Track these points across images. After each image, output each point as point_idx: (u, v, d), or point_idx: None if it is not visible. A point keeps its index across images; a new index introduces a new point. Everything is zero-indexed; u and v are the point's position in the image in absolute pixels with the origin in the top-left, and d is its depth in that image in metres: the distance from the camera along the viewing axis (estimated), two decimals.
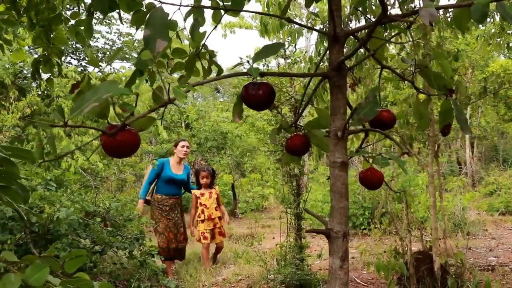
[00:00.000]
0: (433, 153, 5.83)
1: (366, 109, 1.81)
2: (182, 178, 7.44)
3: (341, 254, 1.94)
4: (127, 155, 1.66)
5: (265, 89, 1.89)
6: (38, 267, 1.68)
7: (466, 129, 2.43)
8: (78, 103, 1.41)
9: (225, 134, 17.37)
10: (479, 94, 6.07)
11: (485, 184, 18.26)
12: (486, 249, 9.14)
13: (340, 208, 1.97)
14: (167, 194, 7.25)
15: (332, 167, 1.98)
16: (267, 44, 1.84)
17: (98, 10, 2.49)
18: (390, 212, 7.14)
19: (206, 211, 7.56)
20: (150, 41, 1.91)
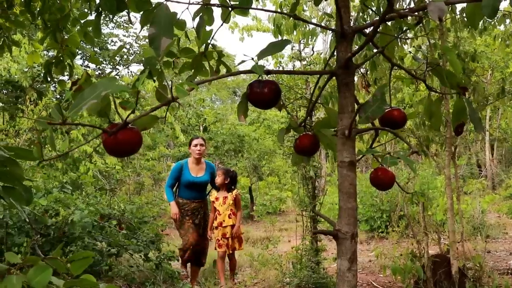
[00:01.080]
0: (450, 155, 5.74)
1: (373, 107, 1.77)
2: (204, 180, 6.79)
3: (350, 255, 1.90)
4: (128, 154, 1.64)
5: (271, 87, 1.86)
6: (41, 269, 1.66)
7: (479, 128, 2.37)
8: (77, 100, 1.39)
9: (242, 137, 17.39)
10: (497, 94, 5.98)
11: (505, 187, 18.03)
12: (506, 252, 9.00)
13: (348, 209, 1.93)
14: (189, 198, 6.69)
15: (340, 167, 1.94)
16: (272, 42, 1.80)
17: (106, 10, 2.48)
18: (407, 215, 7.04)
19: (218, 218, 6.81)
20: (155, 39, 1.89)
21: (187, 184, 6.66)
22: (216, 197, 6.88)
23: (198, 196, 6.77)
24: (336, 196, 10.35)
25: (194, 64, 2.05)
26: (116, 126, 1.58)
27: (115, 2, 2.46)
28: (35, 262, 1.74)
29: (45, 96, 9.60)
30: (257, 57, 1.76)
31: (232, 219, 6.79)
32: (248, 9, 2.26)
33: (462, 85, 2.33)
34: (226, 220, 6.78)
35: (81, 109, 1.37)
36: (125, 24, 17.58)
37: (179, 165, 6.84)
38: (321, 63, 6.61)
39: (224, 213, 6.77)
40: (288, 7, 6.41)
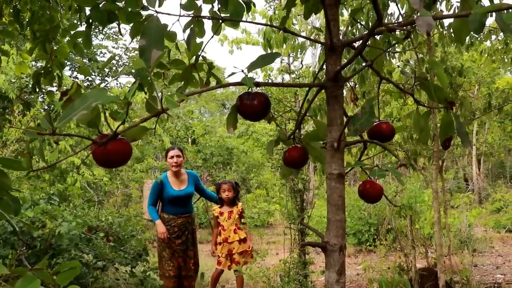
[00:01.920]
0: (437, 169, 5.78)
1: (362, 120, 1.78)
2: (188, 192, 6.31)
3: (338, 267, 1.90)
4: (118, 165, 1.64)
5: (260, 99, 1.87)
6: (29, 280, 1.66)
7: (466, 142, 2.40)
8: (67, 111, 1.39)
9: (231, 150, 17.41)
10: (483, 109, 6.04)
11: (492, 201, 18.15)
12: (492, 266, 9.05)
13: (337, 221, 1.93)
14: (174, 213, 6.21)
15: (329, 179, 1.95)
16: (262, 54, 1.82)
17: (97, 21, 2.49)
18: (394, 228, 7.07)
19: (223, 234, 6.47)
20: (145, 51, 1.90)
21: (170, 199, 6.21)
22: (220, 211, 6.55)
23: (184, 210, 6.29)
24: (324, 209, 10.42)
25: (184, 75, 2.06)
26: (106, 137, 1.58)
27: (106, 14, 2.47)
28: (23, 273, 1.73)
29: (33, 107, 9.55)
30: (247, 70, 1.78)
31: (238, 234, 6.49)
32: (239, 22, 2.27)
33: (450, 100, 2.36)
34: (232, 235, 6.46)
35: (71, 120, 1.37)
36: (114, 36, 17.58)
37: (158, 183, 6.30)
38: (310, 77, 6.65)
39: (229, 229, 6.46)
40: (278, 21, 6.45)
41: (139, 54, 1.93)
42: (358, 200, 12.29)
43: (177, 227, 6.16)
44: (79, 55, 3.24)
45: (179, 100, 1.65)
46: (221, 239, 6.47)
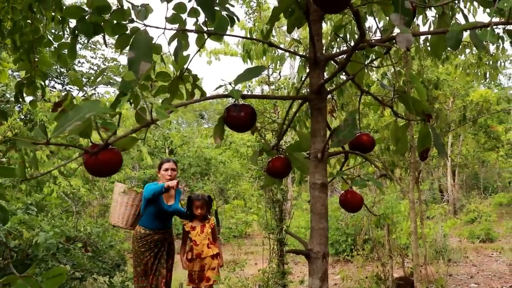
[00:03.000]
0: (414, 179, 5.89)
1: (345, 131, 1.85)
2: (175, 208, 5.99)
3: (321, 274, 1.96)
4: (109, 174, 1.68)
5: (247, 111, 1.93)
6: (20, 287, 1.68)
7: (442, 153, 2.48)
8: (61, 121, 1.43)
9: (209, 160, 17.43)
10: (458, 121, 6.18)
11: (466, 212, 18.42)
12: (467, 276, 9.19)
13: (320, 229, 1.99)
14: (153, 228, 5.80)
15: (312, 189, 2.01)
16: (249, 68, 1.88)
17: (83, 33, 2.52)
18: (372, 238, 7.17)
19: (195, 249, 6.01)
20: (134, 63, 1.95)
21: (157, 213, 5.80)
22: (192, 226, 6.10)
23: (164, 226, 5.93)
24: (301, 220, 10.49)
25: (171, 87, 2.11)
26: (97, 146, 1.63)
27: (92, 26, 2.51)
28: (14, 281, 1.76)
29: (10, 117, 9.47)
30: (234, 82, 1.83)
31: (211, 249, 6.07)
32: (223, 35, 2.33)
33: (427, 112, 2.44)
34: (205, 250, 6.04)
35: (65, 130, 1.41)
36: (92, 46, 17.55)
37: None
38: (289, 88, 6.74)
39: (202, 243, 6.03)
40: (257, 33, 6.54)
41: (128, 66, 1.97)
42: (335, 211, 12.41)
43: (153, 243, 5.78)
44: (63, 65, 3.28)
45: (168, 111, 1.70)
46: (193, 255, 6.03)
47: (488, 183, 26.10)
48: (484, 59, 7.12)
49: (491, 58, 7.18)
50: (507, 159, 22.37)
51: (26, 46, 3.13)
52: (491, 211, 17.26)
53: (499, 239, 14.27)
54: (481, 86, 22.20)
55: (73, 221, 7.40)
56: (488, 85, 22.66)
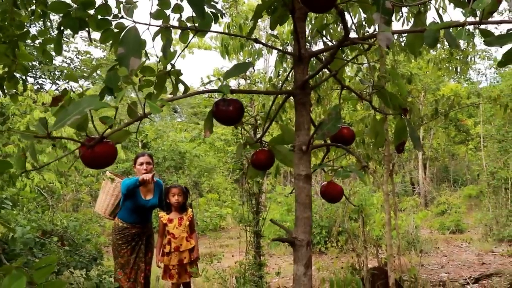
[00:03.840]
0: (388, 172, 6.04)
1: (329, 125, 1.94)
2: (153, 203, 5.85)
3: (305, 261, 2.05)
4: (104, 166, 1.74)
5: (235, 105, 2.01)
6: (15, 277, 1.73)
7: (418, 146, 2.60)
8: (61, 115, 1.49)
9: (183, 154, 17.42)
10: (431, 115, 6.34)
11: (436, 204, 18.78)
12: (437, 265, 9.43)
13: (304, 218, 2.09)
14: (131, 222, 5.72)
15: (297, 180, 2.10)
16: (237, 64, 1.96)
17: (69, 28, 2.56)
18: (347, 230, 7.31)
19: (174, 242, 5.82)
20: (124, 59, 2.01)
21: (135, 208, 5.72)
22: (169, 218, 5.90)
23: (142, 220, 5.82)
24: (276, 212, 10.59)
25: (158, 82, 2.17)
26: (93, 140, 1.69)
27: (78, 21, 2.55)
28: (9, 271, 1.81)
29: None
30: (222, 78, 1.91)
31: (190, 242, 5.91)
32: (208, 31, 2.40)
33: (404, 107, 2.55)
34: (184, 244, 5.85)
35: (65, 124, 1.47)
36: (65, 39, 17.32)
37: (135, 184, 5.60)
38: (266, 82, 6.82)
39: (181, 236, 5.84)
40: (235, 28, 6.60)
41: (118, 62, 2.03)
42: None
43: (130, 237, 5.71)
44: (47, 60, 3.30)
45: (160, 105, 1.76)
46: (171, 248, 5.83)
47: (457, 176, 26.59)
48: (455, 55, 7.30)
49: (462, 54, 7.37)
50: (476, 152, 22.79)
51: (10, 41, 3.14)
52: (460, 203, 17.63)
53: (468, 230, 14.63)
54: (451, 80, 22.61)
55: (49, 215, 7.39)
56: (458, 79, 23.08)
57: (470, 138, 23.71)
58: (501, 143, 16.06)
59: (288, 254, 11.44)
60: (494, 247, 11.34)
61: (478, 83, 25.56)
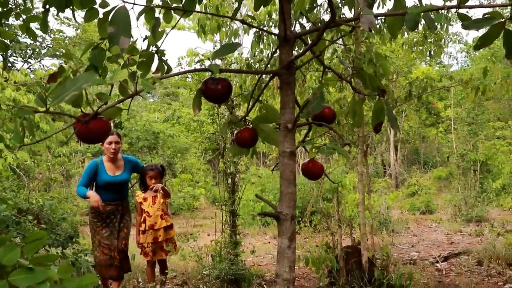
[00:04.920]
0: (362, 153, 6.17)
1: (314, 103, 2.02)
2: (123, 179, 5.84)
3: (289, 234, 2.14)
4: (99, 141, 1.80)
5: (224, 84, 2.08)
6: (9, 248, 1.78)
7: (395, 126, 2.70)
8: (59, 91, 1.55)
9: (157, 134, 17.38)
10: (404, 97, 6.47)
11: (407, 185, 19.15)
12: (408, 245, 9.68)
13: (289, 193, 2.17)
14: (104, 200, 5.57)
15: (282, 156, 2.18)
16: (225, 44, 2.02)
17: (55, 7, 2.59)
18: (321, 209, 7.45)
19: (148, 220, 5.91)
20: (114, 38, 2.05)
21: (103, 185, 5.72)
22: (144, 197, 6.00)
23: (115, 197, 5.79)
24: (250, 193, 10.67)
25: (146, 62, 2.21)
26: (87, 116, 1.75)
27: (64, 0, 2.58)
28: (3, 242, 1.86)
29: None
30: (211, 57, 1.97)
31: (165, 220, 6.00)
32: (192, 11, 2.45)
33: (382, 88, 2.64)
34: (159, 222, 5.94)
35: (63, 99, 1.52)
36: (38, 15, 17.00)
37: (94, 163, 5.82)
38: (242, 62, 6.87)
39: (156, 214, 5.94)
40: (212, 7, 6.61)
41: (108, 41, 2.07)
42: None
43: (105, 214, 5.69)
44: (31, 38, 3.31)
45: (152, 82, 1.82)
46: (146, 227, 5.93)
47: (427, 158, 27.07)
48: (428, 37, 7.45)
49: (435, 37, 7.51)
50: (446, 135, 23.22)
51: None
52: (430, 184, 18.03)
53: (438, 211, 14.98)
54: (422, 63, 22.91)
55: (25, 194, 7.37)
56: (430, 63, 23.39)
57: (440, 121, 24.12)
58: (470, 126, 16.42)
59: (262, 234, 11.60)
60: (462, 227, 11.66)
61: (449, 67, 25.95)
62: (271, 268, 7.73)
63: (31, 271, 1.65)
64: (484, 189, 15.11)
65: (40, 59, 16.99)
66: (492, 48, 19.23)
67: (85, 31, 19.04)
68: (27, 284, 1.63)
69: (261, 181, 14.39)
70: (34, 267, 1.68)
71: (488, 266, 7.40)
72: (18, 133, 1.60)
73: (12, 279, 1.65)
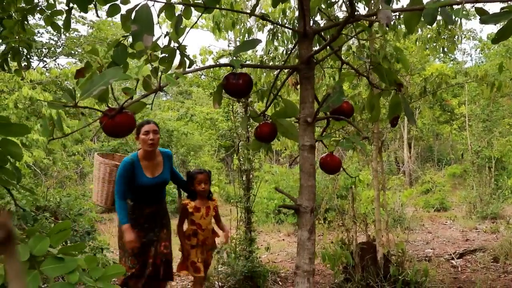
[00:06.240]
0: (377, 149, 6.18)
1: (333, 97, 2.06)
2: (163, 179, 4.84)
3: (309, 227, 2.18)
4: (124, 135, 1.85)
5: (245, 78, 2.12)
6: (39, 238, 1.83)
7: (412, 120, 2.72)
8: (87, 86, 1.59)
9: (171, 132, 17.46)
10: (419, 94, 6.47)
11: (421, 183, 19.07)
12: (423, 242, 9.66)
13: (308, 186, 2.21)
14: (142, 202, 4.76)
15: (302, 150, 2.22)
16: (246, 40, 2.06)
17: (77, 4, 2.64)
18: (336, 206, 7.46)
19: (201, 235, 4.93)
20: (138, 36, 2.10)
21: (141, 189, 4.71)
22: (196, 206, 4.96)
23: (154, 199, 4.86)
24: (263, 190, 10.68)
25: (169, 57, 2.26)
26: (113, 110, 1.79)
27: None
28: (32, 233, 1.91)
29: None
30: (233, 53, 2.01)
31: (215, 235, 5.22)
32: (213, 8, 2.49)
33: (399, 82, 2.67)
34: (211, 236, 5.09)
35: (92, 94, 1.57)
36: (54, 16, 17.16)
37: (128, 164, 4.65)
38: (256, 60, 6.91)
39: (208, 229, 5.03)
40: (226, 5, 6.65)
41: (132, 39, 2.12)
42: (297, 181, 12.74)
43: (143, 218, 4.76)
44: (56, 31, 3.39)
45: (176, 77, 1.87)
46: (197, 242, 4.95)
47: (441, 155, 26.94)
48: (442, 34, 7.43)
49: (449, 33, 7.49)
50: (460, 132, 23.11)
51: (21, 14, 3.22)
52: (445, 181, 17.95)
53: (453, 208, 14.91)
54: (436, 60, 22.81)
55: (42, 191, 7.45)
56: (444, 59, 23.29)
57: (454, 118, 24.00)
58: (485, 123, 16.32)
59: (276, 231, 11.63)
60: (477, 224, 11.60)
61: (463, 63, 25.80)
62: (285, 265, 7.77)
63: (62, 261, 1.69)
64: (499, 186, 15.01)
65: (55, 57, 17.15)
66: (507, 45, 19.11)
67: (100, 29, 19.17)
68: (57, 273, 1.68)
69: (275, 179, 14.41)
70: (64, 257, 1.73)
71: (505, 263, 7.38)
72: (47, 127, 1.65)
73: (43, 269, 1.70)
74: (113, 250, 7.55)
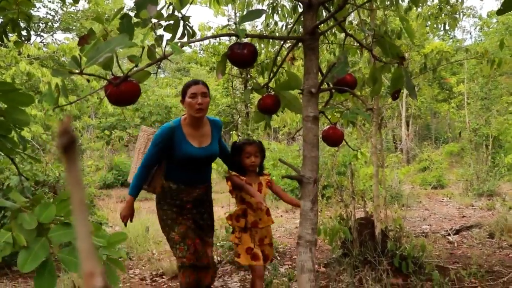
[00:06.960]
0: (377, 125, 6.19)
1: (338, 68, 2.06)
2: (212, 151, 4.03)
3: (312, 197, 2.19)
4: (129, 104, 1.85)
5: (250, 48, 2.12)
6: (46, 206, 1.85)
7: (413, 94, 2.72)
8: (93, 53, 1.59)
9: (169, 109, 17.45)
10: (419, 70, 6.46)
11: (418, 161, 19.15)
12: (420, 218, 9.74)
13: (312, 157, 2.22)
14: (188, 183, 3.97)
15: (305, 121, 2.23)
16: (250, 10, 2.05)
17: None
18: (335, 181, 7.49)
19: (251, 216, 4.13)
20: (141, 6, 2.09)
21: (185, 161, 3.90)
22: (247, 182, 4.08)
23: (202, 178, 4.08)
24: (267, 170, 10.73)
25: (174, 27, 2.25)
26: (118, 78, 1.79)
27: None
28: (38, 201, 1.92)
29: None
30: (238, 23, 2.00)
31: (270, 217, 4.32)
32: None
33: (401, 55, 2.66)
34: (264, 218, 4.21)
35: (97, 61, 1.57)
36: None
37: (168, 129, 3.86)
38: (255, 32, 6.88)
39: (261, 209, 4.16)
40: None
41: (136, 9, 2.11)
42: (296, 158, 12.79)
43: (190, 203, 4.02)
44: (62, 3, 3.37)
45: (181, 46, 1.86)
46: (247, 224, 4.14)
47: (439, 133, 27.03)
48: (444, 10, 7.40)
49: (450, 10, 7.46)
50: (458, 110, 23.13)
51: None
52: (442, 159, 17.99)
53: (449, 186, 15.00)
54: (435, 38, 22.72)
55: (42, 166, 7.46)
56: (443, 37, 23.21)
57: (452, 96, 24.01)
58: (483, 101, 16.34)
59: (274, 208, 11.67)
60: (474, 201, 11.68)
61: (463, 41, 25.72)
62: (284, 241, 7.83)
63: (69, 226, 1.70)
64: (496, 163, 15.08)
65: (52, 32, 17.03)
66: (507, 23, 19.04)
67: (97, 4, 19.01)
68: (66, 239, 1.69)
69: (273, 156, 14.46)
70: (71, 222, 1.74)
71: (500, 238, 7.44)
72: (52, 94, 1.65)
73: (51, 236, 1.71)
74: (112, 225, 7.58)
